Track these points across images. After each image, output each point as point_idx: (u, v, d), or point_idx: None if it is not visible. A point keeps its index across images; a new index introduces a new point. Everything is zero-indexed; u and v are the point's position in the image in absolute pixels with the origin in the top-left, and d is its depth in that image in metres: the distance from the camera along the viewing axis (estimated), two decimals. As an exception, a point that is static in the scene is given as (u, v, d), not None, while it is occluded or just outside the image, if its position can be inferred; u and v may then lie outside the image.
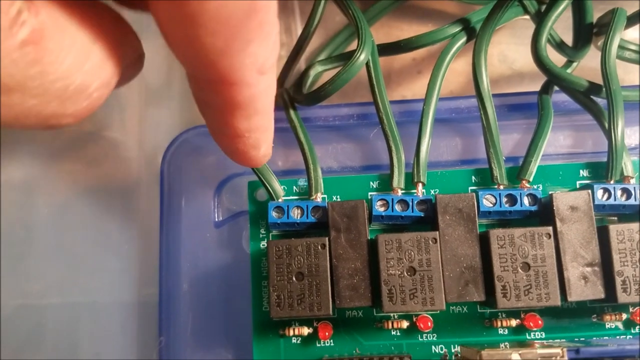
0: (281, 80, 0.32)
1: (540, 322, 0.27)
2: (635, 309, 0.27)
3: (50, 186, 0.34)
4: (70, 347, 0.32)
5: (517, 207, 0.26)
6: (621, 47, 0.31)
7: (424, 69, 0.37)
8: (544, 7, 0.30)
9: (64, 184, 0.34)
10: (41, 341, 0.32)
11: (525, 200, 0.27)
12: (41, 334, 0.32)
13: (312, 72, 0.32)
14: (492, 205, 0.27)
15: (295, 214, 0.27)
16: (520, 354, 0.22)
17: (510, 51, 0.38)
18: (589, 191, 0.26)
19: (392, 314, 0.28)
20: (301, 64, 0.35)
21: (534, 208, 0.27)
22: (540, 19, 0.30)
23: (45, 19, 0.16)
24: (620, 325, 0.27)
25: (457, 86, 0.37)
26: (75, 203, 0.34)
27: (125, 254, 0.33)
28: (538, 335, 0.27)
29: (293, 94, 0.31)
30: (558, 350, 0.22)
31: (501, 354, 0.22)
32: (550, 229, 0.26)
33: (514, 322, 0.27)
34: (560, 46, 0.31)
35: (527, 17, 0.32)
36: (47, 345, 0.32)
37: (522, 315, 0.27)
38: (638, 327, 0.27)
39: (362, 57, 0.28)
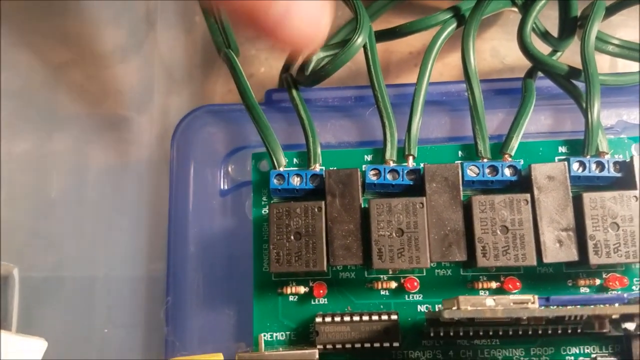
0: (286, 65, 0.35)
1: (518, 284, 0.29)
2: (609, 275, 0.29)
3: (68, 163, 0.36)
4: (83, 317, 0.34)
5: (499, 177, 0.29)
6: (605, 41, 0.33)
7: (421, 62, 0.39)
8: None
9: (82, 161, 0.36)
10: (56, 310, 0.34)
11: (507, 171, 0.29)
12: (56, 303, 0.34)
13: (315, 57, 0.34)
14: (475, 175, 0.29)
15: (295, 181, 0.30)
16: (494, 299, 0.24)
17: (501, 47, 0.40)
18: (565, 162, 0.28)
19: (381, 276, 0.30)
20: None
21: (514, 178, 0.29)
22: (526, 9, 0.33)
23: None
24: (594, 289, 0.29)
25: (450, 78, 0.39)
26: (93, 180, 0.36)
27: (136, 230, 0.35)
28: (517, 297, 0.29)
29: (296, 76, 0.34)
30: (530, 297, 0.24)
31: (477, 298, 0.24)
32: (528, 195, 0.28)
33: (494, 285, 0.29)
34: (545, 36, 0.34)
35: (515, 9, 0.34)
36: (60, 314, 0.34)
37: (502, 279, 0.29)
38: (611, 291, 0.29)
39: (360, 40, 0.30)
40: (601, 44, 0.33)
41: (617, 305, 0.24)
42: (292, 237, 0.28)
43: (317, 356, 0.28)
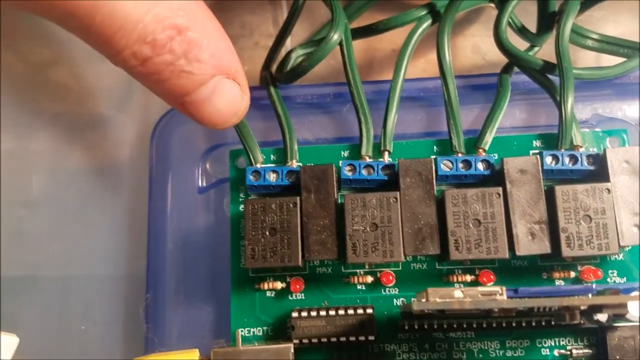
0: (266, 63, 0.35)
1: (492, 277, 0.29)
2: (583, 267, 0.30)
3: (48, 162, 0.37)
4: (60, 315, 0.34)
5: (472, 171, 0.29)
6: (584, 35, 0.34)
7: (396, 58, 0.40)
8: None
9: (62, 160, 0.37)
10: (34, 309, 0.35)
11: (480, 165, 0.29)
12: (34, 302, 0.35)
13: (294, 55, 0.35)
14: (449, 169, 0.29)
15: (271, 178, 0.30)
16: (462, 291, 0.24)
17: (483, 43, 0.40)
18: (538, 156, 0.29)
19: (358, 270, 0.30)
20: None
21: (487, 172, 0.29)
22: (502, 4, 0.33)
23: None
24: (569, 282, 0.30)
25: (434, 75, 0.39)
26: (72, 179, 0.36)
27: (116, 228, 0.35)
28: (492, 290, 0.29)
29: (275, 74, 0.34)
30: (498, 289, 0.24)
31: (445, 290, 0.24)
32: (500, 189, 0.28)
33: (469, 278, 0.30)
34: (522, 31, 0.34)
35: (492, 4, 0.35)
36: (38, 312, 0.34)
37: (477, 272, 0.30)
38: (586, 283, 0.29)
39: (335, 37, 0.31)
40: (580, 38, 0.34)
41: (585, 296, 0.25)
42: (267, 233, 0.29)
43: (292, 351, 0.28)
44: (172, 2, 0.22)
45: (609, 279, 0.29)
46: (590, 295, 0.26)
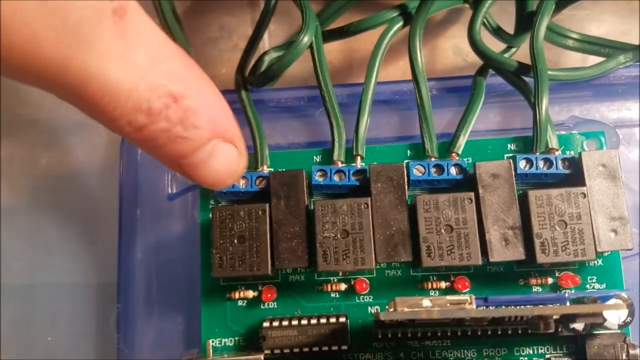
0: (240, 66, 0.35)
1: (467, 283, 0.29)
2: (561, 274, 0.29)
3: (18, 169, 0.36)
4: (24, 325, 0.34)
5: (444, 176, 0.28)
6: (564, 35, 0.33)
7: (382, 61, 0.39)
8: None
9: (31, 167, 0.36)
10: (3, 318, 0.34)
11: (452, 170, 0.29)
12: (5, 312, 0.34)
13: (267, 58, 0.34)
14: (421, 174, 0.29)
15: (241, 184, 0.29)
16: (430, 300, 0.23)
17: (464, 44, 0.39)
18: (511, 160, 0.28)
19: (331, 278, 0.30)
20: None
21: (459, 177, 0.28)
22: (476, 5, 0.32)
23: (131, 4, 0.20)
24: (546, 288, 0.29)
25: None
26: (42, 186, 0.36)
27: (86, 236, 0.35)
28: (467, 297, 0.29)
29: (248, 77, 0.33)
30: (467, 297, 0.23)
31: (414, 299, 0.23)
32: (472, 194, 0.27)
33: (443, 284, 0.29)
34: (497, 32, 0.33)
35: (467, 5, 0.34)
36: (6, 322, 0.34)
37: (452, 278, 0.29)
38: (564, 290, 0.29)
39: (306, 39, 0.30)
40: (561, 38, 0.33)
41: (559, 305, 0.24)
42: (235, 241, 0.28)
43: (262, 361, 0.27)
44: (165, 68, 0.21)
45: (587, 286, 0.29)
46: (568, 303, 0.25)
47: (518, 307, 0.24)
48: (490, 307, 0.24)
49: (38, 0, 0.17)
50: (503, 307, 0.24)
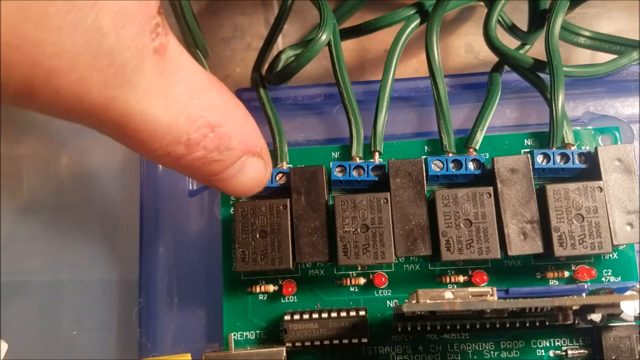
0: (257, 64, 0.35)
1: (485, 277, 0.29)
2: (577, 267, 0.29)
3: (40, 166, 0.36)
4: (50, 320, 0.34)
5: (463, 171, 0.29)
6: (576, 33, 0.34)
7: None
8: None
9: (53, 165, 0.36)
10: (23, 314, 0.34)
11: (471, 165, 0.29)
12: (24, 307, 0.34)
13: (284, 56, 0.35)
14: (439, 169, 0.29)
15: (261, 180, 0.30)
16: (452, 292, 0.24)
17: (476, 42, 0.40)
18: (528, 155, 0.28)
19: (350, 272, 0.30)
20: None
21: (478, 172, 0.29)
22: (491, 3, 0.33)
23: (171, 40, 0.20)
24: (563, 282, 0.29)
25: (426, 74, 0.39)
26: (64, 184, 0.36)
27: (109, 233, 0.35)
28: (485, 290, 0.29)
29: (265, 75, 0.34)
30: (488, 289, 0.24)
31: (436, 291, 0.24)
32: (490, 189, 0.28)
33: (461, 278, 0.29)
34: (512, 29, 0.34)
35: (482, 3, 0.35)
36: (28, 317, 0.34)
37: (470, 272, 0.29)
38: (581, 283, 0.29)
39: (324, 37, 0.30)
40: (572, 36, 0.34)
41: (577, 296, 0.24)
42: (257, 236, 0.29)
43: (284, 354, 0.28)
44: (203, 99, 0.22)
45: (603, 279, 0.29)
46: (583, 295, 0.25)
47: (538, 298, 0.24)
48: (511, 299, 0.24)
49: (85, 45, 0.18)
50: (523, 299, 0.24)
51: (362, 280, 0.30)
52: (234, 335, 0.30)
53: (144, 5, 0.19)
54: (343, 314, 0.28)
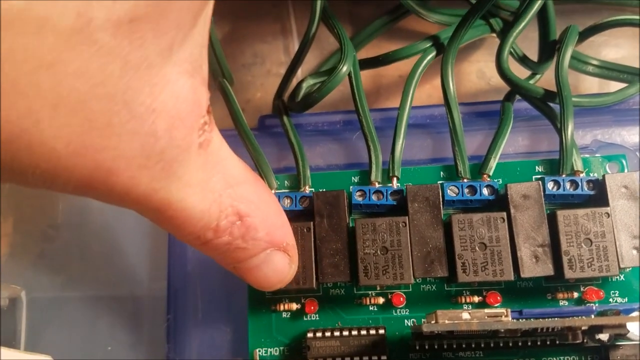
0: (279, 92, 0.37)
1: (499, 298, 0.31)
2: (586, 288, 0.31)
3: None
4: (86, 335, 0.36)
5: (477, 196, 0.30)
6: (584, 62, 0.35)
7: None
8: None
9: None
10: (61, 330, 0.36)
11: (485, 191, 0.31)
12: (61, 323, 0.36)
13: (305, 85, 0.36)
14: (455, 195, 0.31)
15: (286, 203, 0.32)
16: (469, 313, 0.25)
17: (487, 68, 0.42)
18: (540, 182, 0.30)
19: (369, 292, 0.32)
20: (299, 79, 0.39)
21: (492, 197, 0.30)
22: (504, 35, 0.34)
23: (214, 135, 0.22)
24: (572, 302, 0.31)
25: (439, 100, 0.41)
26: (96, 203, 0.38)
27: (138, 251, 0.37)
28: (498, 310, 0.31)
29: (287, 103, 0.36)
30: (503, 310, 0.25)
31: (453, 312, 0.25)
32: (504, 214, 0.29)
33: (476, 299, 0.31)
34: (523, 60, 0.35)
35: (494, 35, 0.36)
36: (65, 333, 0.36)
37: (484, 293, 0.31)
38: (589, 304, 0.30)
39: (345, 68, 0.32)
40: (581, 64, 0.35)
41: (586, 317, 0.26)
42: (282, 257, 0.30)
43: (307, 370, 0.29)
44: (236, 190, 0.23)
45: (610, 299, 0.31)
46: (592, 315, 0.27)
47: (549, 319, 0.26)
48: (524, 320, 0.26)
49: (140, 149, 0.19)
50: (535, 319, 0.26)
51: (381, 300, 0.31)
52: (259, 351, 0.31)
53: (197, 107, 0.20)
54: (363, 332, 0.30)
